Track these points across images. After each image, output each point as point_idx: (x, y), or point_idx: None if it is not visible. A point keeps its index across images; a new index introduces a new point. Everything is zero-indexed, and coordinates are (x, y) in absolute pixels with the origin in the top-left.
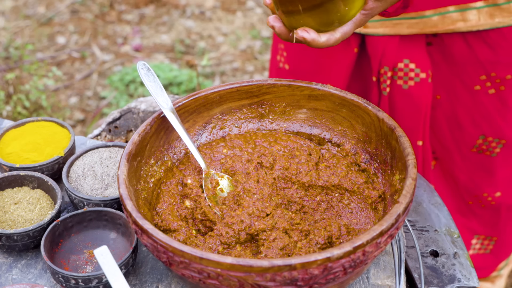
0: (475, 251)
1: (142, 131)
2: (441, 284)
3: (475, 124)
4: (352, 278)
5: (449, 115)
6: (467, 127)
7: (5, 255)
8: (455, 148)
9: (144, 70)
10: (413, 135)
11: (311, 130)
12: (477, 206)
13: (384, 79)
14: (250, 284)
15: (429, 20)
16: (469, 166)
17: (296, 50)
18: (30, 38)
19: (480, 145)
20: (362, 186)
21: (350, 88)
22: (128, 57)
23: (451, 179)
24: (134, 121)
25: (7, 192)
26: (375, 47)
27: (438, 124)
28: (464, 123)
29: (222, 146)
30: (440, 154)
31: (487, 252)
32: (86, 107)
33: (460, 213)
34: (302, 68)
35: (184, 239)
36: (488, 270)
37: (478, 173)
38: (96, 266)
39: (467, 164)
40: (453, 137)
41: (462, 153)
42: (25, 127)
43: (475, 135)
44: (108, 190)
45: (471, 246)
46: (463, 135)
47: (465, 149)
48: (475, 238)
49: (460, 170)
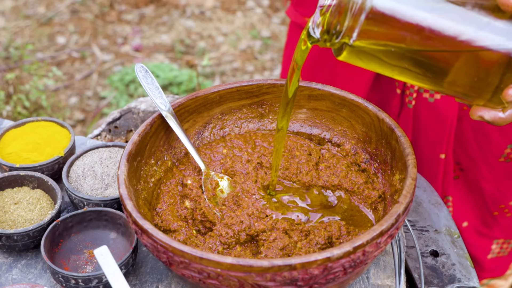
0: (494, 255)
1: (142, 131)
2: (441, 284)
3: (503, 134)
4: (352, 278)
5: (476, 126)
6: (495, 137)
7: (5, 255)
8: (482, 158)
9: (142, 72)
10: (436, 148)
11: (311, 130)
12: (502, 216)
13: (411, 92)
14: (250, 284)
15: None
16: (496, 176)
17: (310, 62)
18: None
19: (508, 154)
20: (362, 186)
21: (368, 99)
22: (128, 57)
23: (476, 190)
24: (134, 121)
25: (7, 192)
26: None
27: (464, 135)
28: (491, 133)
29: (222, 146)
30: (466, 165)
31: (506, 254)
32: (86, 107)
33: (485, 224)
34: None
35: (184, 239)
36: (503, 269)
37: (506, 182)
38: (96, 266)
39: (494, 173)
40: (480, 148)
41: (489, 163)
42: (25, 127)
43: (503, 145)
44: (108, 190)
45: (491, 251)
46: (490, 145)
47: (492, 159)
48: (495, 243)
49: (487, 180)
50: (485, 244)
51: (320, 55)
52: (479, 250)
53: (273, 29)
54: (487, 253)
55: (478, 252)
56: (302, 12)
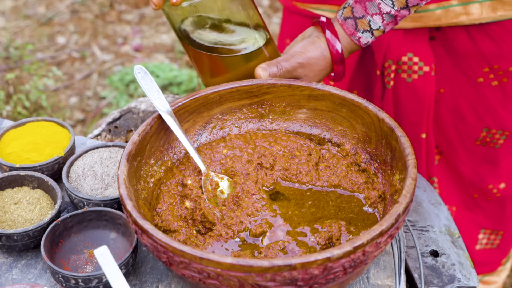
0: (482, 246)
1: (142, 131)
2: (441, 284)
3: (478, 117)
4: (352, 278)
5: (453, 109)
6: (471, 120)
7: (5, 255)
8: (459, 141)
9: (141, 73)
10: (417, 128)
11: (311, 130)
12: (482, 199)
13: (389, 73)
14: (250, 284)
15: (432, 13)
16: (473, 159)
17: None
18: (30, 38)
19: (484, 138)
20: (362, 186)
21: (353, 82)
22: (128, 57)
23: (455, 172)
24: (134, 121)
25: (7, 192)
26: (379, 41)
27: (442, 118)
28: (468, 116)
29: (222, 146)
30: (444, 148)
31: (494, 247)
32: (86, 107)
33: (466, 207)
34: None
35: (184, 239)
36: (495, 264)
37: (483, 166)
38: (96, 266)
39: (471, 157)
40: (457, 131)
41: (466, 146)
42: (25, 127)
43: (479, 128)
44: (108, 190)
45: (478, 241)
46: (467, 128)
47: (469, 142)
48: (482, 233)
49: (464, 164)
50: (471, 232)
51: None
52: (467, 240)
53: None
54: (475, 243)
55: (466, 242)
56: None
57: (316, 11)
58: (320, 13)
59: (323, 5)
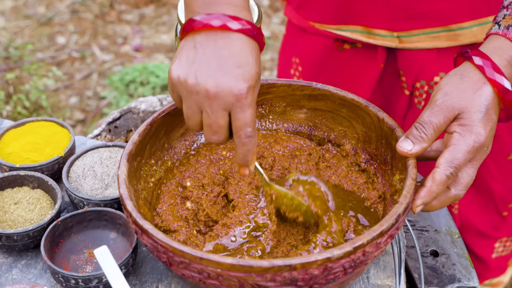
0: (498, 254)
1: (142, 131)
2: (441, 284)
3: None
4: (352, 278)
5: None
6: (504, 136)
7: (5, 255)
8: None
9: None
10: None
11: (311, 130)
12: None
13: (421, 93)
14: (250, 284)
15: (469, 31)
16: (505, 175)
17: (313, 64)
18: (30, 38)
19: None
20: (362, 186)
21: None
22: (128, 57)
23: (485, 190)
24: (134, 121)
25: (7, 192)
26: (411, 62)
27: None
28: (501, 133)
29: (222, 147)
30: None
31: (508, 252)
32: (86, 107)
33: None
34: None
35: (185, 239)
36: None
37: None
38: (96, 266)
39: (503, 172)
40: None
41: (498, 162)
42: (25, 127)
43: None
44: (108, 190)
45: (494, 249)
46: (499, 144)
47: (501, 157)
48: (498, 241)
49: (495, 180)
50: (488, 243)
51: (324, 57)
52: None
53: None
54: (491, 252)
55: (483, 251)
56: (306, 16)
57: (337, 31)
58: (341, 34)
59: (345, 25)
